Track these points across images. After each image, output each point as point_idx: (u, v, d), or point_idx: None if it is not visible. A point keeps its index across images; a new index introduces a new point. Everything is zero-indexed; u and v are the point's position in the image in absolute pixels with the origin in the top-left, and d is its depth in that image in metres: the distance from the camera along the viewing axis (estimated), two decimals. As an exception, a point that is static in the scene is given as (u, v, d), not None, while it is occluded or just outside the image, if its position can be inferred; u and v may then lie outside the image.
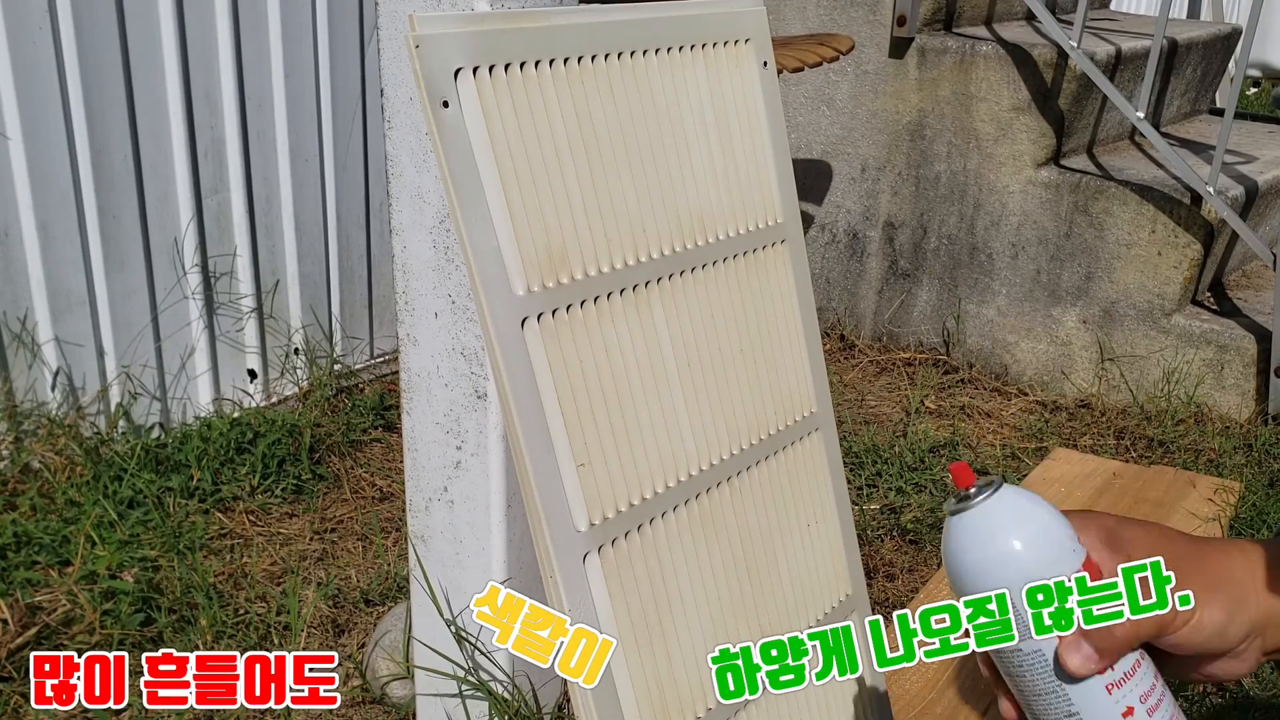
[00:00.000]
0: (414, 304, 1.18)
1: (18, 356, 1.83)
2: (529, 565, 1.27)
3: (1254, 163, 2.57)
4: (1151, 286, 2.34)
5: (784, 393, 1.07)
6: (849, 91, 2.60)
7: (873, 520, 1.91)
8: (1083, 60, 2.29)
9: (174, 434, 2.00)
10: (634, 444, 0.91)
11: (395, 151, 1.13)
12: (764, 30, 1.06)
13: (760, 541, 1.03)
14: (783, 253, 1.08)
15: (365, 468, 2.03)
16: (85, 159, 1.82)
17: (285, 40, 2.07)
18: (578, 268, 0.87)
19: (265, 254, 2.17)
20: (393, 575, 1.70)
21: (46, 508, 1.75)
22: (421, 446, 1.24)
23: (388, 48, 1.11)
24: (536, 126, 0.85)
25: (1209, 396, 2.32)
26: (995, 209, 2.48)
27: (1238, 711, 1.47)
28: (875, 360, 2.64)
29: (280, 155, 2.14)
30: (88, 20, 1.77)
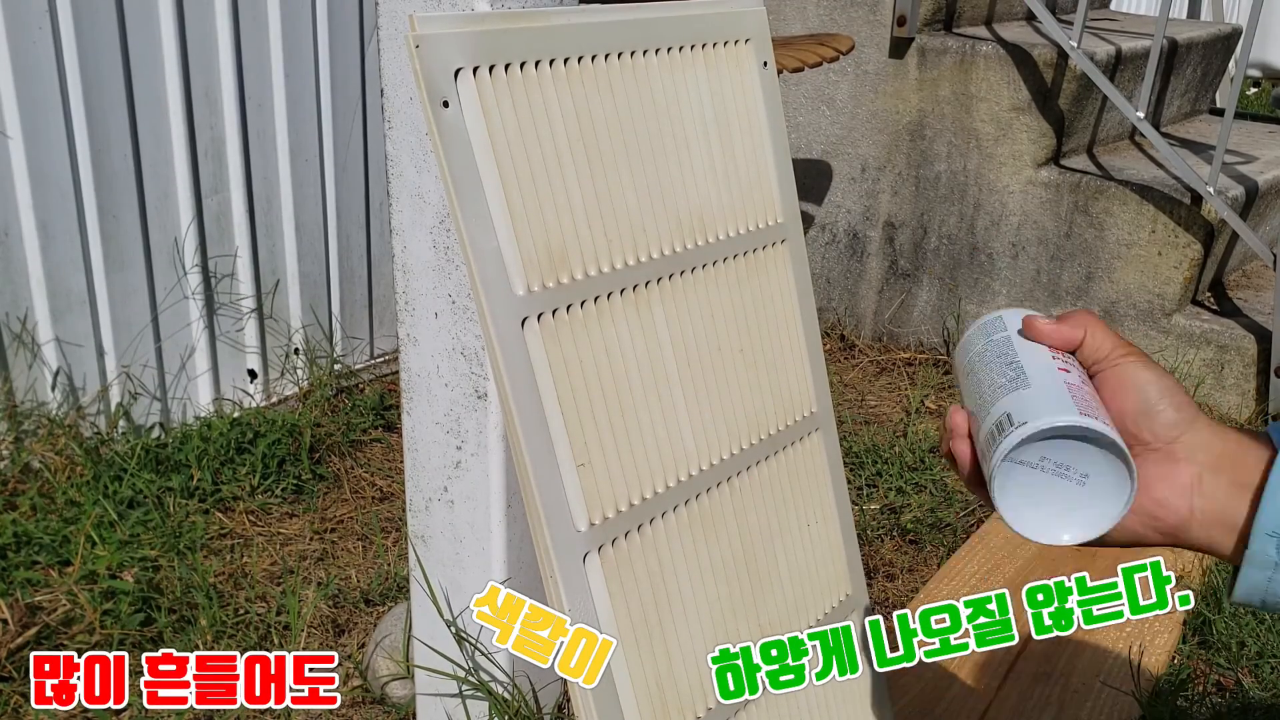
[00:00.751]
0: (414, 304, 1.18)
1: (18, 356, 1.83)
2: (529, 565, 1.27)
3: (1254, 163, 2.57)
4: (1151, 286, 2.34)
5: (784, 393, 1.07)
6: (849, 91, 2.60)
7: (873, 520, 1.91)
8: (1083, 60, 2.29)
9: (174, 434, 2.00)
10: (634, 444, 0.91)
11: (395, 151, 1.13)
12: (764, 30, 1.06)
13: (760, 541, 1.03)
14: (783, 253, 1.08)
15: (365, 468, 2.03)
16: (85, 158, 1.82)
17: (285, 40, 2.07)
18: (578, 268, 0.87)
19: (265, 254, 2.17)
20: (393, 575, 1.70)
21: (46, 508, 1.75)
22: (421, 446, 1.24)
23: (388, 48, 1.11)
24: (536, 126, 0.85)
25: (1209, 396, 2.32)
26: (995, 209, 2.48)
27: (1238, 712, 1.47)
28: (875, 360, 2.64)
29: (280, 155, 2.13)
30: (88, 20, 1.77)
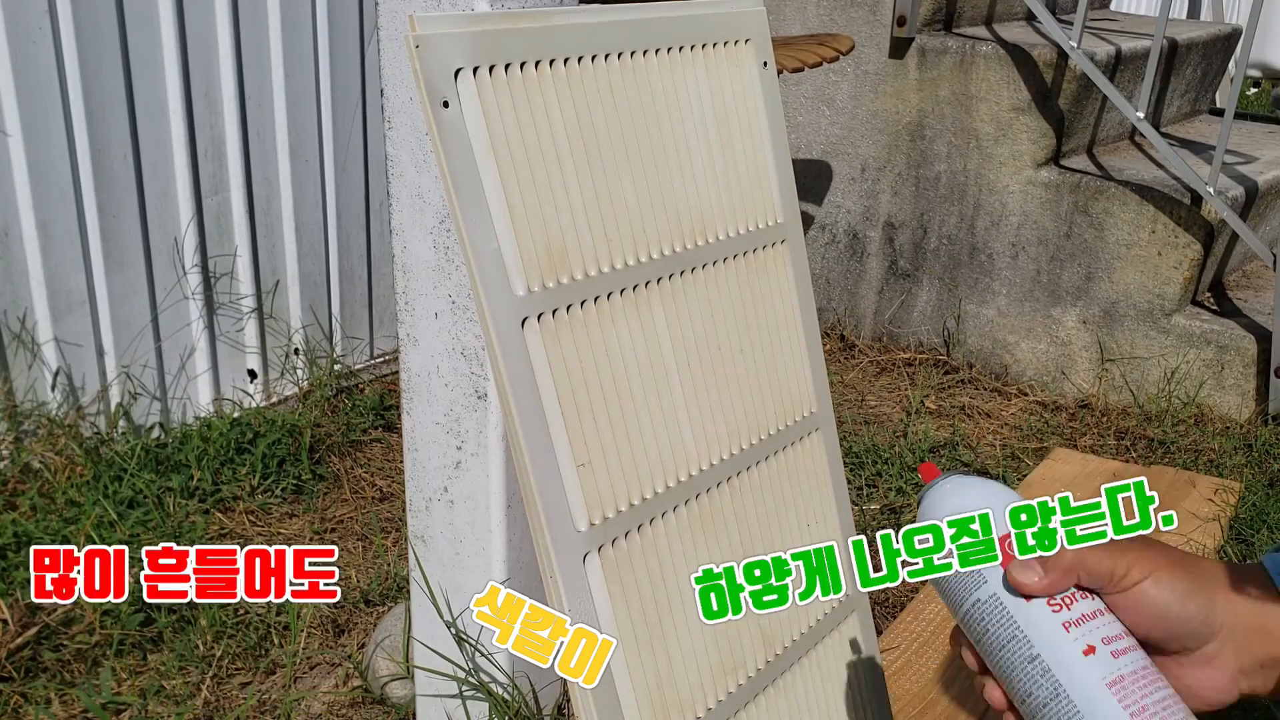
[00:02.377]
0: (414, 304, 1.18)
1: (18, 356, 1.83)
2: (529, 565, 1.27)
3: (1254, 163, 2.57)
4: (1151, 287, 2.34)
5: (784, 393, 1.07)
6: (849, 91, 2.60)
7: (873, 520, 1.91)
8: (1083, 60, 2.29)
9: (174, 434, 2.00)
10: (634, 444, 0.91)
11: (395, 151, 1.13)
12: (764, 30, 1.06)
13: (760, 541, 1.03)
14: (783, 253, 1.08)
15: (365, 468, 2.03)
16: (85, 158, 1.82)
17: (285, 39, 2.07)
18: (578, 268, 0.87)
19: (265, 254, 2.17)
20: (393, 575, 1.70)
21: (46, 508, 1.75)
22: (421, 446, 1.24)
23: (388, 48, 1.11)
24: (536, 126, 0.85)
25: (1209, 397, 2.32)
26: (995, 209, 2.48)
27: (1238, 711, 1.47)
28: (875, 360, 2.64)
29: (280, 155, 2.13)
30: (88, 19, 1.77)
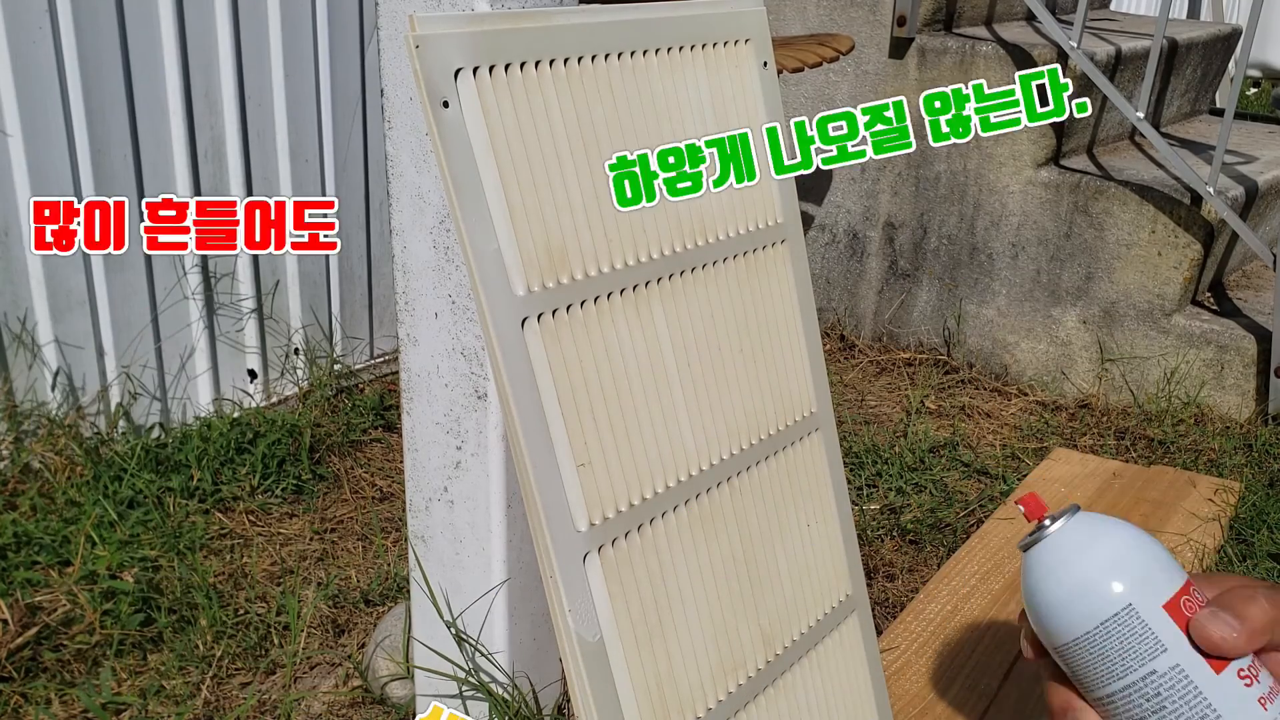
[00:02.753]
0: (414, 304, 1.18)
1: (18, 356, 1.83)
2: (529, 565, 1.27)
3: (1254, 163, 2.57)
4: (1151, 286, 2.34)
5: (784, 393, 1.07)
6: (849, 91, 2.60)
7: (873, 520, 1.91)
8: (1083, 60, 2.29)
9: (174, 434, 2.00)
10: (634, 444, 0.91)
11: (395, 151, 1.13)
12: (764, 30, 1.06)
13: (760, 541, 1.03)
14: (783, 253, 1.08)
15: (365, 468, 2.03)
16: (85, 158, 1.82)
17: (285, 39, 2.07)
18: (578, 268, 0.87)
19: (265, 254, 2.17)
20: (393, 575, 1.70)
21: (46, 508, 1.75)
22: (421, 446, 1.24)
23: (388, 48, 1.11)
24: (536, 126, 0.85)
25: (1209, 397, 2.32)
26: (995, 209, 2.48)
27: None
28: (875, 360, 2.64)
29: (280, 155, 2.13)
30: (88, 19, 1.77)
